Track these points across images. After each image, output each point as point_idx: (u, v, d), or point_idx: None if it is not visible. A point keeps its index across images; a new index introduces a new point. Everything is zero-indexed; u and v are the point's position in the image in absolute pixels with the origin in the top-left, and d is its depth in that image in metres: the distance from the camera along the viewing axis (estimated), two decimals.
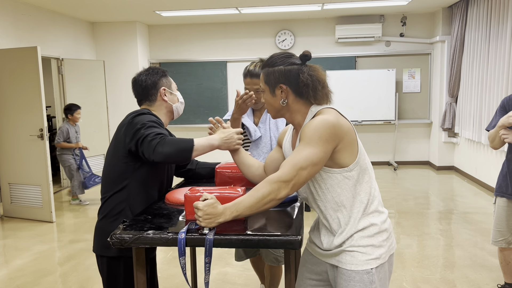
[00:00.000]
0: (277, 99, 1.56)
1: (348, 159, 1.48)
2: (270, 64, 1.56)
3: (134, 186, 1.85)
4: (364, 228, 1.51)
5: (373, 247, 1.50)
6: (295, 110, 1.56)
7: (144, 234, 1.47)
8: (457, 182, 6.46)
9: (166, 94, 1.99)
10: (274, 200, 1.42)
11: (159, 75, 1.99)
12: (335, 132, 1.43)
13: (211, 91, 8.02)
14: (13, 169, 5.11)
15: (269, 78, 1.55)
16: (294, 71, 1.52)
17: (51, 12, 6.52)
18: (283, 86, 1.53)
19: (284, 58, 1.54)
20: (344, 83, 7.46)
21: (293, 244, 1.40)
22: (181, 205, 1.82)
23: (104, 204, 1.88)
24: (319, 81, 1.54)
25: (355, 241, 1.50)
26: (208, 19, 7.58)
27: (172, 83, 2.06)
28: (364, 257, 1.49)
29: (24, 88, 4.88)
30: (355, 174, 1.50)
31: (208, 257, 1.43)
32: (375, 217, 1.53)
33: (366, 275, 1.49)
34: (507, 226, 2.74)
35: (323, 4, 6.40)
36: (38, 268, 3.68)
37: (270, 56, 1.58)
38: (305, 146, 1.43)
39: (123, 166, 1.84)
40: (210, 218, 1.43)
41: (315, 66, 1.56)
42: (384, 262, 1.53)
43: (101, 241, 1.88)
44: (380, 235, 1.52)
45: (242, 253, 2.70)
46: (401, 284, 3.20)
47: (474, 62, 6.27)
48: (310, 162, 1.41)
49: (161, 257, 3.83)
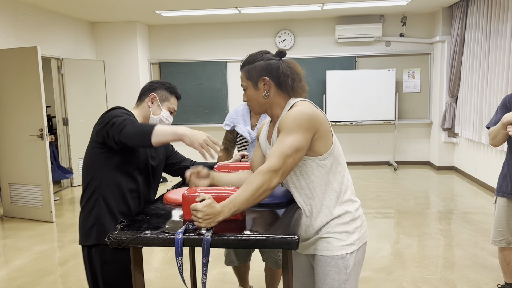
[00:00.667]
0: (260, 93, 1.64)
1: (323, 148, 1.58)
2: (250, 61, 1.66)
3: (105, 177, 1.87)
4: (339, 215, 1.61)
5: (347, 233, 1.61)
6: (276, 103, 1.66)
7: (141, 234, 1.47)
8: (457, 182, 6.45)
9: (152, 102, 2.01)
10: (267, 190, 1.48)
11: (162, 86, 2.04)
12: (313, 122, 1.53)
13: (211, 91, 8.02)
14: (13, 169, 5.12)
15: (251, 73, 1.64)
16: (274, 64, 1.63)
17: (51, 12, 6.52)
18: (266, 79, 1.62)
19: (262, 54, 1.66)
20: (344, 83, 7.46)
21: (290, 244, 1.39)
22: (178, 205, 1.82)
23: (82, 196, 1.93)
24: (297, 73, 1.65)
25: (331, 228, 1.60)
26: (208, 19, 7.58)
27: (168, 102, 2.03)
28: (339, 242, 1.60)
29: (24, 88, 4.89)
30: (328, 163, 1.60)
31: (206, 257, 1.43)
32: (349, 205, 1.63)
33: (341, 260, 1.59)
34: (507, 226, 2.74)
35: (323, 4, 6.40)
36: (38, 268, 3.68)
37: (248, 55, 1.68)
38: (286, 135, 1.52)
39: (95, 157, 1.87)
40: (209, 218, 1.43)
41: (292, 60, 1.68)
42: (358, 248, 1.63)
43: (82, 232, 1.92)
44: (354, 222, 1.63)
45: (233, 258, 2.65)
46: (401, 284, 3.19)
47: (474, 62, 6.26)
48: (294, 149, 1.50)
49: (161, 257, 3.83)
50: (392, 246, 3.93)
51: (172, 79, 8.08)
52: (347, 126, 7.89)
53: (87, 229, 1.89)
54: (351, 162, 8.03)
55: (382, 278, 3.29)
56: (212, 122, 8.08)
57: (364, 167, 7.80)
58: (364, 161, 7.99)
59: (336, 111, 7.52)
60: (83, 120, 6.85)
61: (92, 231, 1.88)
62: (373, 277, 3.32)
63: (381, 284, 3.20)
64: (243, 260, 2.66)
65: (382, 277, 3.31)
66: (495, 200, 2.81)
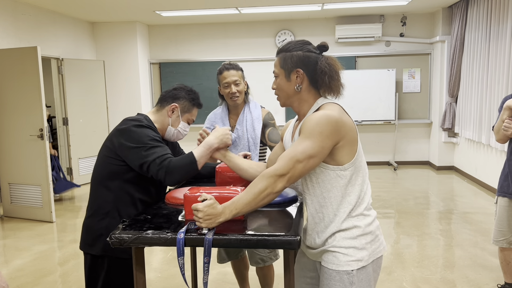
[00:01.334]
0: (291, 84, 1.54)
1: (345, 157, 1.47)
2: (287, 49, 1.55)
3: (122, 188, 1.86)
4: (347, 229, 1.51)
5: (355, 249, 1.50)
6: (305, 100, 1.56)
7: (143, 234, 1.47)
8: (457, 182, 6.46)
9: (173, 111, 1.97)
10: (271, 194, 1.43)
11: (186, 97, 1.98)
12: (337, 129, 1.42)
13: (211, 91, 8.02)
14: (13, 169, 5.11)
15: (286, 62, 1.53)
16: (312, 57, 1.52)
17: (51, 12, 6.52)
18: (300, 71, 1.52)
19: (302, 45, 1.54)
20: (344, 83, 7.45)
21: (292, 244, 1.39)
22: (180, 205, 1.82)
23: (92, 201, 1.90)
24: (336, 71, 1.52)
25: (337, 242, 1.51)
26: (208, 19, 7.58)
27: (189, 114, 2.00)
28: (345, 258, 1.49)
29: (24, 88, 4.88)
30: (348, 174, 1.49)
31: (207, 257, 1.43)
32: (359, 220, 1.52)
33: (346, 276, 1.49)
34: (508, 226, 2.74)
35: (323, 4, 6.40)
36: (38, 268, 3.68)
37: (287, 42, 1.57)
38: (304, 139, 1.42)
39: (114, 168, 1.85)
40: (210, 218, 1.43)
41: (333, 57, 1.55)
42: (367, 264, 1.51)
43: (86, 239, 1.90)
44: (364, 238, 1.51)
45: (224, 255, 2.65)
46: (401, 284, 3.20)
47: (474, 62, 6.27)
48: (307, 155, 1.41)
49: (161, 257, 3.83)
50: (392, 246, 3.93)
51: (172, 79, 8.08)
52: None
53: (94, 238, 1.87)
54: None
55: (382, 278, 3.29)
56: None
57: None
58: None
59: None
60: (83, 120, 6.85)
61: (99, 240, 1.86)
62: None
63: (381, 284, 3.21)
64: (234, 256, 2.66)
65: (382, 277, 3.31)
66: (496, 200, 2.82)
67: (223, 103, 2.57)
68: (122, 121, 1.89)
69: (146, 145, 1.77)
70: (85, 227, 1.91)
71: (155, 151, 1.77)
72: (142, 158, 1.76)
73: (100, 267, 1.88)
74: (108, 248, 1.86)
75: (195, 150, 1.82)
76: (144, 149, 1.77)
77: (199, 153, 1.81)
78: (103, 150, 1.89)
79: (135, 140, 1.78)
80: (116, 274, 1.89)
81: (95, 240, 1.87)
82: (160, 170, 1.74)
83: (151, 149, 1.77)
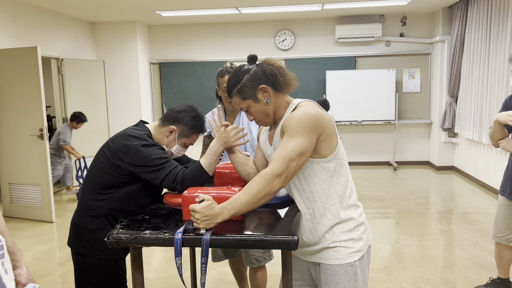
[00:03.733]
0: (262, 103, 1.59)
1: (327, 150, 1.54)
2: (235, 83, 1.60)
3: (116, 198, 1.88)
4: (344, 221, 1.57)
5: (353, 240, 1.58)
6: (278, 105, 1.62)
7: (140, 234, 1.47)
8: (457, 182, 6.45)
9: (171, 132, 1.96)
10: (269, 194, 1.45)
11: (187, 124, 1.95)
12: (318, 123, 1.49)
13: (211, 91, 8.02)
14: (13, 169, 5.12)
15: (244, 93, 1.59)
16: (257, 70, 1.59)
17: (51, 12, 6.53)
18: (263, 87, 1.58)
19: (239, 71, 1.60)
20: (344, 83, 7.46)
21: (289, 244, 1.39)
22: (178, 205, 1.82)
23: (84, 202, 1.91)
24: (279, 67, 1.59)
25: (337, 236, 1.57)
26: (208, 19, 7.58)
27: (187, 139, 1.99)
28: (347, 250, 1.56)
29: (24, 88, 4.89)
30: (332, 166, 1.56)
31: (205, 257, 1.43)
32: (353, 210, 1.60)
33: (350, 268, 1.56)
34: (505, 224, 2.82)
35: (323, 4, 6.40)
36: (38, 268, 3.68)
37: (227, 82, 1.63)
38: (290, 137, 1.48)
39: (113, 179, 1.87)
40: (208, 219, 1.43)
41: (268, 58, 1.62)
42: (364, 253, 1.61)
43: (74, 237, 1.92)
44: (359, 228, 1.60)
45: (220, 253, 2.65)
46: (401, 284, 3.19)
47: (474, 62, 6.26)
48: (298, 153, 1.46)
49: (161, 257, 3.83)
50: (392, 246, 3.93)
51: (172, 79, 8.08)
52: (347, 126, 7.89)
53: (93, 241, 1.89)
54: (351, 162, 8.02)
55: (382, 278, 3.29)
56: None
57: (364, 167, 7.80)
58: (364, 161, 7.98)
59: (336, 111, 7.52)
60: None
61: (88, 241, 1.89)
62: (373, 277, 3.32)
63: (381, 284, 3.20)
64: (230, 254, 2.66)
65: (382, 277, 3.31)
66: (497, 197, 2.89)
67: (221, 105, 2.56)
68: (126, 136, 1.87)
69: (156, 165, 1.83)
70: (73, 225, 1.93)
71: (164, 167, 1.83)
72: (154, 175, 1.83)
73: (89, 266, 1.90)
74: (95, 250, 1.89)
75: (203, 160, 1.86)
76: (155, 167, 1.82)
77: (207, 162, 1.85)
78: (102, 158, 1.88)
79: (145, 160, 1.82)
80: (105, 275, 1.91)
81: (83, 240, 1.90)
82: (175, 185, 1.82)
83: (162, 165, 1.83)
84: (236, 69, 1.62)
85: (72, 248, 1.94)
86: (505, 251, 2.85)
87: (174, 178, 1.81)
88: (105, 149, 1.89)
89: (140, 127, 1.97)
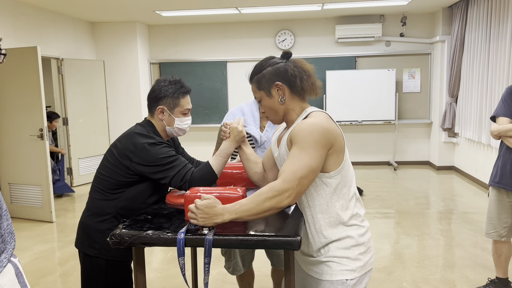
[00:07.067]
0: (275, 100, 1.57)
1: (332, 165, 1.48)
2: (257, 71, 1.59)
3: (126, 197, 1.88)
4: (340, 239, 1.51)
5: (348, 259, 1.50)
6: (291, 108, 1.58)
7: (143, 234, 1.47)
8: (457, 182, 6.46)
9: (163, 113, 1.95)
10: (274, 208, 1.41)
11: (167, 95, 1.93)
12: (328, 136, 1.43)
13: (211, 91, 8.02)
14: (13, 169, 5.11)
15: (261, 83, 1.57)
16: (282, 67, 1.56)
17: (51, 12, 6.52)
18: (278, 84, 1.55)
19: (268, 60, 1.59)
20: (344, 83, 7.46)
21: (292, 244, 1.39)
22: (181, 205, 1.83)
23: (93, 202, 1.91)
24: (304, 71, 1.57)
25: (331, 252, 1.51)
26: (208, 19, 7.58)
27: (179, 107, 1.95)
28: (339, 267, 1.49)
29: (24, 88, 4.88)
30: (334, 182, 1.49)
31: (208, 257, 1.43)
32: (353, 230, 1.52)
33: (340, 286, 1.49)
34: (498, 219, 2.82)
35: (323, 4, 6.40)
36: (38, 268, 3.68)
37: (253, 66, 1.61)
38: (301, 151, 1.42)
39: (122, 178, 1.87)
40: (206, 217, 1.43)
41: (299, 59, 1.60)
42: (360, 275, 1.51)
43: (82, 238, 1.91)
44: (357, 248, 1.51)
45: (241, 266, 2.49)
46: (401, 284, 3.20)
47: (474, 62, 6.27)
48: (310, 170, 1.41)
49: (161, 257, 3.83)
50: (392, 246, 3.93)
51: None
52: (347, 126, 7.89)
53: (91, 238, 1.88)
54: (351, 162, 8.02)
55: (382, 278, 3.29)
56: (212, 122, 8.08)
57: (364, 167, 7.81)
58: (364, 161, 7.99)
59: (336, 111, 7.52)
60: (83, 120, 6.85)
61: (96, 242, 1.88)
62: (373, 277, 3.33)
63: (381, 284, 3.21)
64: (248, 265, 2.61)
65: (382, 277, 3.31)
66: (488, 194, 2.90)
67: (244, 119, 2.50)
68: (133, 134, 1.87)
69: (164, 164, 1.83)
70: (82, 225, 1.92)
71: (173, 165, 1.83)
72: (163, 174, 1.83)
73: (97, 268, 1.89)
74: (104, 251, 1.87)
75: (213, 160, 1.86)
76: (163, 167, 1.83)
77: (217, 163, 1.86)
78: (111, 158, 1.88)
79: (153, 159, 1.82)
80: (113, 276, 1.90)
81: (92, 241, 1.88)
82: (183, 184, 1.83)
83: (170, 164, 1.83)
84: (266, 58, 1.60)
85: (80, 249, 1.92)
86: (502, 248, 2.86)
87: (183, 177, 1.82)
88: (113, 149, 1.89)
89: (146, 124, 1.97)
